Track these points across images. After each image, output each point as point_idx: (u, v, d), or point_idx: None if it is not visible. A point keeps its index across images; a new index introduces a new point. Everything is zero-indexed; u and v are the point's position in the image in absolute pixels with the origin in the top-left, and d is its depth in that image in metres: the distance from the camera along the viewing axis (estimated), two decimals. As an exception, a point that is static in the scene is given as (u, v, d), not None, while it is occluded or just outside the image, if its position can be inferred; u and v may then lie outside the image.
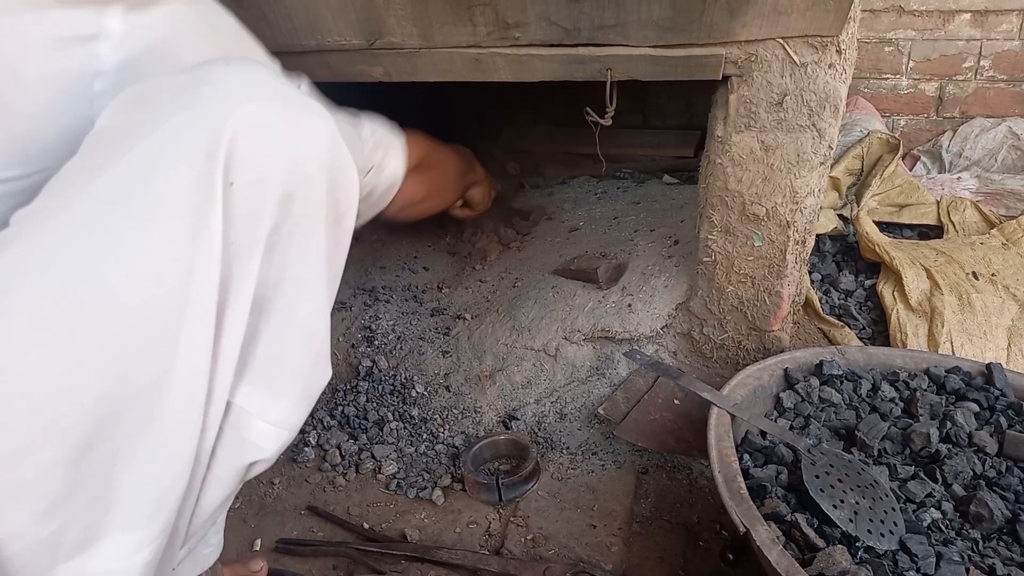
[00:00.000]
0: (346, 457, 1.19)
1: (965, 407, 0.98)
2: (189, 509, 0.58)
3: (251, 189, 0.52)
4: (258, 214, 0.53)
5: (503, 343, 1.30)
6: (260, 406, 0.59)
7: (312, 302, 0.61)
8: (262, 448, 0.61)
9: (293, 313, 0.59)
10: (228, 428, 0.58)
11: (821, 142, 1.01)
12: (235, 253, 0.53)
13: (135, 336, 0.49)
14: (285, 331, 0.59)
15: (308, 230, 0.58)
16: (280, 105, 0.55)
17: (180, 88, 0.53)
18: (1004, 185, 1.84)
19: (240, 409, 0.59)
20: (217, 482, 0.60)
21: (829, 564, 0.73)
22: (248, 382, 0.58)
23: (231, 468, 0.60)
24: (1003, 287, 1.34)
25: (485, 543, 1.02)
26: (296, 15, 0.95)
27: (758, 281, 1.15)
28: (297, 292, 0.59)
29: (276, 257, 0.56)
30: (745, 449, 0.95)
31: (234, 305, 0.54)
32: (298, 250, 0.57)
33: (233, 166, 0.51)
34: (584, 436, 1.20)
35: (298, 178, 0.55)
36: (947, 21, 2.22)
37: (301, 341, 0.61)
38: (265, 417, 0.60)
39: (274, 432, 0.61)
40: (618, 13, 0.90)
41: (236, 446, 0.59)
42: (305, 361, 0.62)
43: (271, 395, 0.60)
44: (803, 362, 1.09)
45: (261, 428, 0.60)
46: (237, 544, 1.04)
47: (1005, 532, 0.83)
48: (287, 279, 0.57)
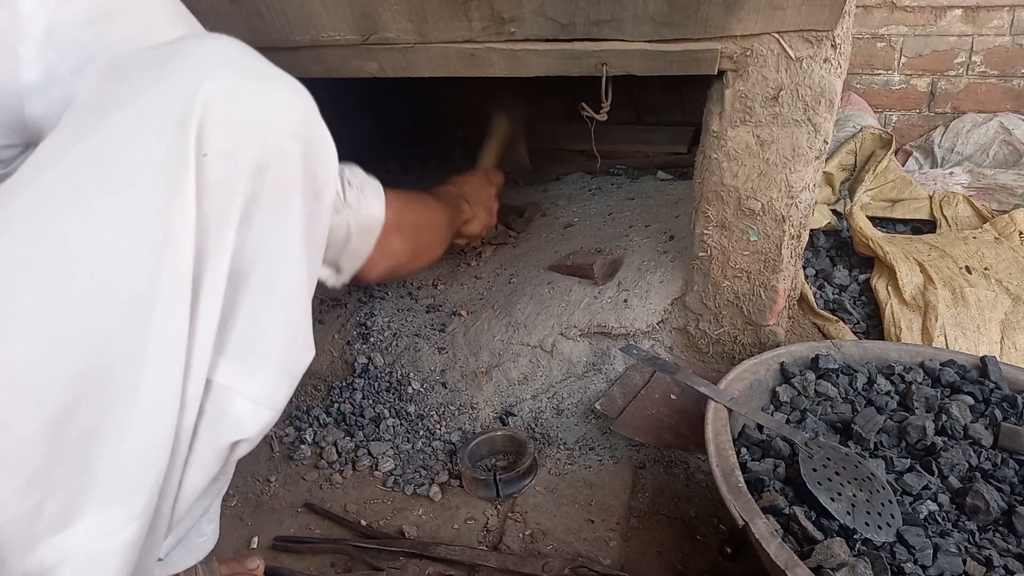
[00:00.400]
0: (343, 454, 1.19)
1: (960, 400, 0.99)
2: (172, 491, 0.57)
3: (224, 159, 0.52)
4: (232, 185, 0.53)
5: (499, 339, 1.30)
6: (240, 383, 0.59)
7: (291, 277, 0.60)
8: (243, 427, 0.60)
9: (271, 288, 0.58)
10: (209, 406, 0.58)
11: (816, 137, 1.01)
12: (210, 224, 0.52)
13: (109, 308, 0.49)
14: (264, 306, 0.58)
15: (284, 202, 0.57)
16: (253, 76, 0.54)
17: (153, 61, 0.53)
18: (996, 180, 1.85)
19: (220, 386, 0.58)
20: (199, 463, 0.59)
21: (827, 556, 0.73)
22: (227, 358, 0.58)
23: (213, 448, 0.59)
24: (996, 281, 1.35)
25: (483, 539, 1.02)
26: (290, 10, 0.95)
27: (754, 276, 1.15)
28: (275, 266, 0.58)
29: (252, 230, 0.55)
30: (742, 443, 0.95)
31: (210, 277, 0.54)
32: (274, 222, 0.57)
33: (206, 136, 0.51)
34: (581, 431, 1.20)
35: (272, 149, 0.54)
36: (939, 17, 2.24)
37: (280, 316, 0.60)
38: (245, 394, 0.59)
39: (255, 410, 0.60)
40: (614, 8, 0.90)
41: (217, 425, 0.59)
42: (285, 337, 0.61)
43: (251, 372, 0.59)
44: (799, 356, 1.09)
45: (241, 406, 0.59)
46: (234, 542, 1.03)
47: (1001, 523, 0.84)
48: (264, 252, 0.57)
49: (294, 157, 0.57)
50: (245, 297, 0.57)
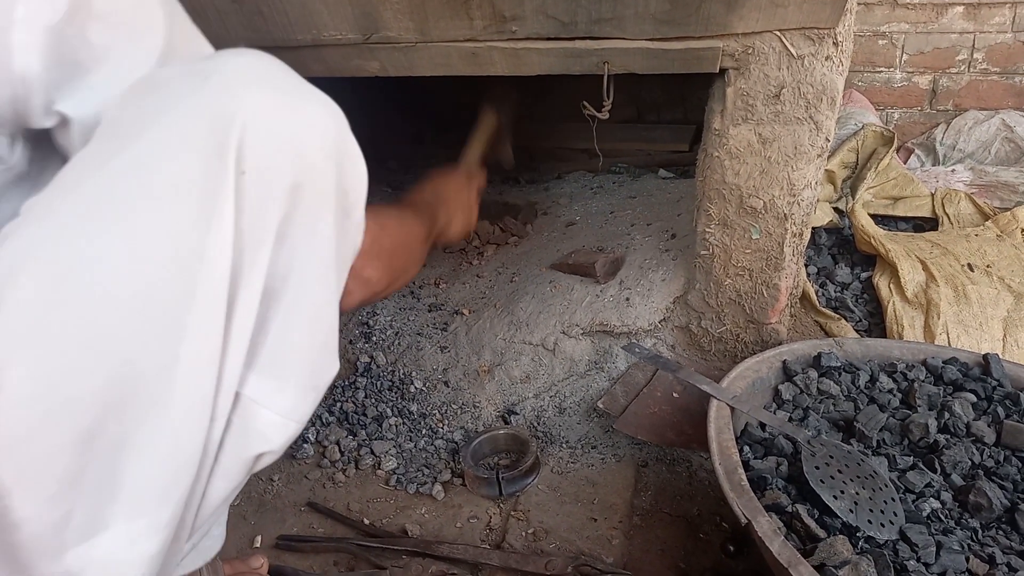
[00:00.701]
0: (345, 453, 1.19)
1: (963, 397, 0.99)
2: (196, 501, 0.58)
3: (262, 177, 0.52)
4: (269, 203, 0.53)
5: (501, 338, 1.30)
6: (268, 396, 0.59)
7: (321, 293, 0.60)
8: (269, 439, 0.61)
9: (302, 304, 0.59)
10: (236, 419, 0.58)
11: (818, 134, 1.01)
12: (246, 242, 0.53)
13: (143, 323, 0.49)
14: (294, 322, 0.59)
15: (318, 220, 0.57)
16: (289, 94, 0.55)
17: (188, 76, 0.53)
18: (998, 177, 1.85)
19: (248, 399, 0.58)
20: (224, 474, 0.59)
21: (831, 554, 0.73)
22: (256, 372, 0.58)
23: (238, 459, 0.60)
24: (998, 278, 1.35)
25: (486, 537, 1.02)
26: (291, 9, 0.95)
27: (756, 274, 1.15)
28: (306, 283, 0.58)
29: (286, 247, 0.56)
30: (745, 441, 0.95)
31: (245, 294, 0.54)
32: (308, 241, 0.57)
33: (244, 154, 0.51)
34: (583, 430, 1.20)
35: (307, 167, 0.55)
36: (940, 14, 2.23)
37: (310, 332, 0.61)
38: (273, 407, 0.60)
39: (281, 423, 0.61)
40: (615, 6, 0.89)
41: (243, 437, 0.59)
42: (313, 352, 0.62)
43: (279, 386, 0.60)
44: (801, 354, 1.09)
45: (268, 418, 0.60)
46: (238, 541, 1.04)
47: (1004, 521, 0.84)
48: (296, 270, 0.57)
49: (328, 175, 0.57)
50: (277, 313, 0.58)
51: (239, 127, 0.51)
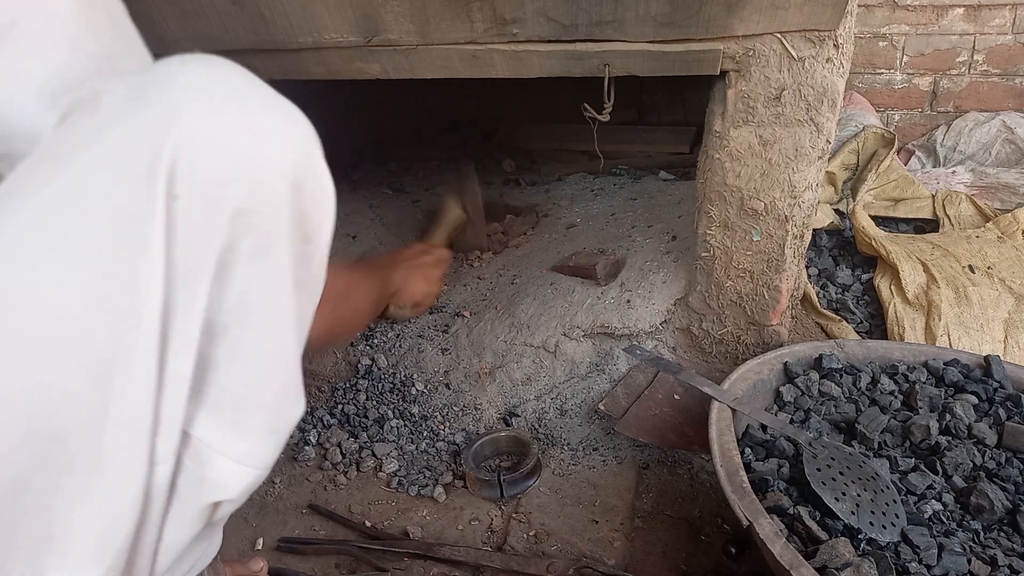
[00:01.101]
0: (347, 455, 1.19)
1: (964, 399, 0.99)
2: (149, 547, 0.54)
3: (199, 203, 0.47)
4: (207, 231, 0.48)
5: (502, 340, 1.30)
6: (222, 440, 0.54)
7: (278, 328, 0.55)
8: (225, 487, 0.56)
9: (255, 340, 0.53)
10: (188, 462, 0.54)
11: (819, 136, 1.01)
12: (180, 274, 0.48)
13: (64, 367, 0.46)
14: (246, 360, 0.54)
15: (269, 248, 0.51)
16: (239, 108, 0.49)
17: (129, 91, 0.48)
18: (998, 179, 1.85)
19: (201, 443, 0.54)
20: (180, 519, 0.55)
21: (832, 556, 0.73)
22: (207, 414, 0.53)
23: (193, 505, 0.55)
24: (999, 280, 1.35)
25: (487, 540, 1.02)
26: (293, 12, 0.95)
27: (757, 276, 1.15)
28: (258, 317, 0.53)
29: (232, 279, 0.50)
30: (746, 443, 0.95)
31: (180, 330, 0.49)
32: (258, 271, 0.51)
33: (178, 178, 0.46)
34: (585, 432, 1.20)
35: (256, 191, 0.49)
36: (940, 16, 2.23)
37: (265, 371, 0.55)
38: (228, 453, 0.55)
39: (239, 470, 0.56)
40: (616, 9, 0.90)
41: (197, 483, 0.55)
42: (271, 392, 0.56)
43: (233, 429, 0.55)
44: (802, 356, 1.09)
45: (222, 465, 0.55)
46: (239, 543, 1.04)
47: (1006, 523, 0.83)
48: (247, 303, 0.52)
49: (281, 199, 0.51)
50: (224, 351, 0.52)
51: (171, 146, 0.45)
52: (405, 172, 2.09)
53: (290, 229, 0.52)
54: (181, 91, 0.47)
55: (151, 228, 0.46)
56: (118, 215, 0.46)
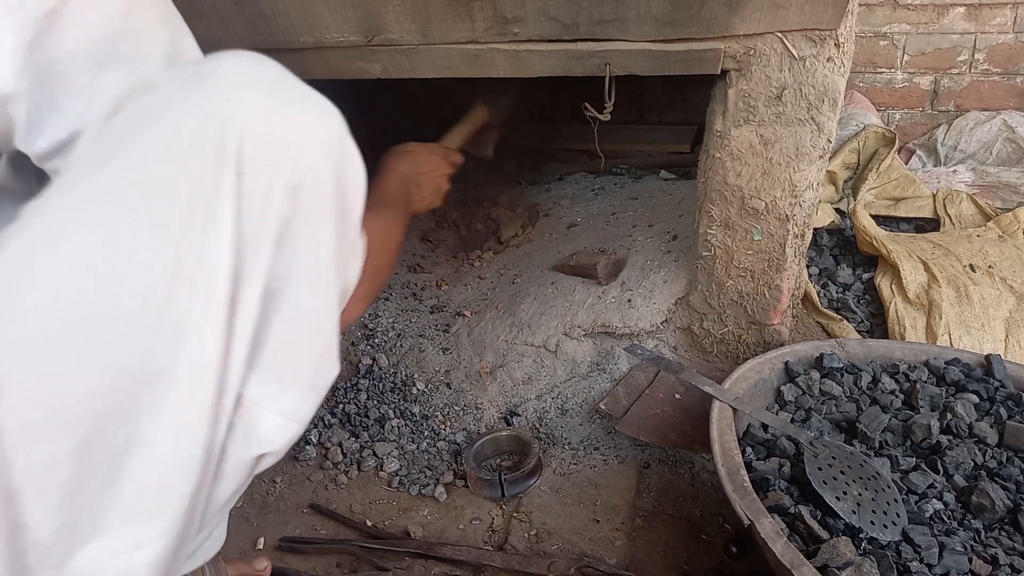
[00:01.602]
0: (348, 455, 1.19)
1: (965, 398, 0.99)
2: (201, 503, 0.58)
3: (261, 180, 0.53)
4: (268, 205, 0.53)
5: (503, 339, 1.30)
6: (270, 398, 0.59)
7: (321, 295, 0.60)
8: (270, 441, 0.61)
9: (302, 305, 0.59)
10: (238, 421, 0.58)
11: (820, 135, 1.01)
12: (246, 243, 0.53)
13: (142, 326, 0.49)
14: (294, 323, 0.59)
15: (316, 222, 0.58)
16: (286, 96, 0.55)
17: (185, 80, 0.53)
18: (999, 178, 1.84)
19: (250, 401, 0.58)
20: (227, 476, 0.59)
21: (833, 555, 0.73)
22: (258, 374, 0.58)
23: (240, 461, 0.60)
24: (1000, 279, 1.35)
25: (488, 539, 1.02)
26: (294, 12, 0.95)
27: (758, 275, 1.15)
28: (306, 284, 0.58)
29: (286, 249, 0.56)
30: (747, 442, 0.95)
31: (246, 295, 0.54)
32: (307, 242, 0.57)
33: (243, 157, 0.51)
34: (586, 431, 1.20)
35: (306, 169, 0.55)
36: (941, 15, 2.23)
37: (310, 333, 0.61)
38: (275, 409, 0.60)
39: (283, 424, 0.61)
40: (617, 8, 0.90)
41: (246, 439, 0.59)
42: (314, 354, 0.62)
43: (280, 387, 0.60)
44: (803, 355, 1.09)
45: (270, 420, 0.60)
46: (240, 543, 1.04)
47: (1007, 522, 0.83)
48: (296, 271, 0.57)
49: (326, 177, 0.57)
50: (277, 315, 0.58)
51: (237, 130, 0.51)
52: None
53: (332, 204, 0.59)
54: (237, 80, 0.53)
55: (222, 201, 0.51)
56: (188, 188, 0.50)
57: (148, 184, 0.50)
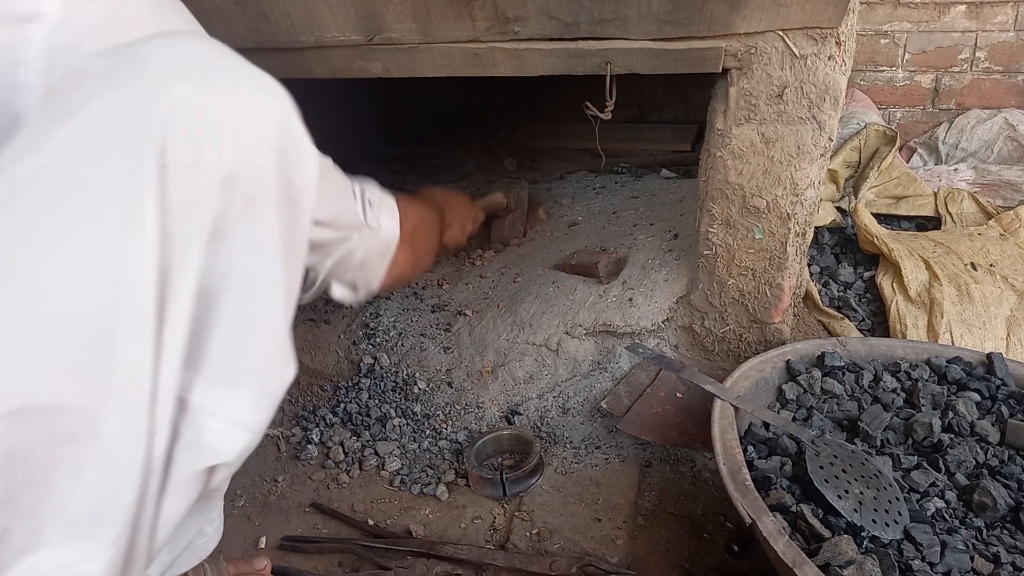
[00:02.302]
0: (349, 454, 1.19)
1: (966, 397, 0.99)
2: (148, 519, 0.54)
3: (189, 172, 0.48)
4: (198, 199, 0.49)
5: (504, 338, 1.30)
6: (217, 404, 0.55)
7: (268, 292, 0.56)
8: (219, 451, 0.56)
9: (247, 305, 0.55)
10: (185, 430, 0.54)
11: (821, 134, 1.01)
12: (174, 241, 0.49)
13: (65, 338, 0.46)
14: (240, 324, 0.55)
15: (257, 214, 0.53)
16: (221, 80, 0.51)
17: (111, 65, 0.49)
18: (1001, 176, 1.84)
19: (196, 408, 0.54)
20: (176, 489, 0.55)
21: (835, 554, 0.73)
22: (203, 379, 0.54)
23: (189, 473, 0.55)
24: (1001, 277, 1.35)
25: (490, 538, 1.02)
26: (295, 12, 0.95)
27: (759, 273, 1.15)
28: (250, 282, 0.54)
29: (223, 245, 0.52)
30: (749, 441, 0.95)
31: (176, 297, 0.50)
32: (247, 236, 0.53)
33: (169, 147, 0.47)
34: (587, 430, 1.20)
35: (243, 159, 0.51)
36: (942, 13, 2.23)
37: (258, 334, 0.57)
38: (223, 417, 0.55)
39: (233, 432, 0.56)
40: (618, 7, 0.90)
41: (193, 449, 0.55)
42: (263, 355, 0.58)
43: (228, 392, 0.56)
44: (805, 354, 1.09)
45: (218, 428, 0.55)
46: (242, 542, 1.04)
47: (1009, 520, 0.83)
48: (237, 268, 0.53)
49: (267, 166, 0.53)
50: (219, 315, 0.53)
51: (161, 118, 0.47)
52: (408, 171, 2.09)
53: (276, 194, 0.54)
54: (165, 65, 0.49)
55: (143, 196, 0.47)
56: (109, 184, 0.46)
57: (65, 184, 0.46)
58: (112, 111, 0.47)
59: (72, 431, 0.48)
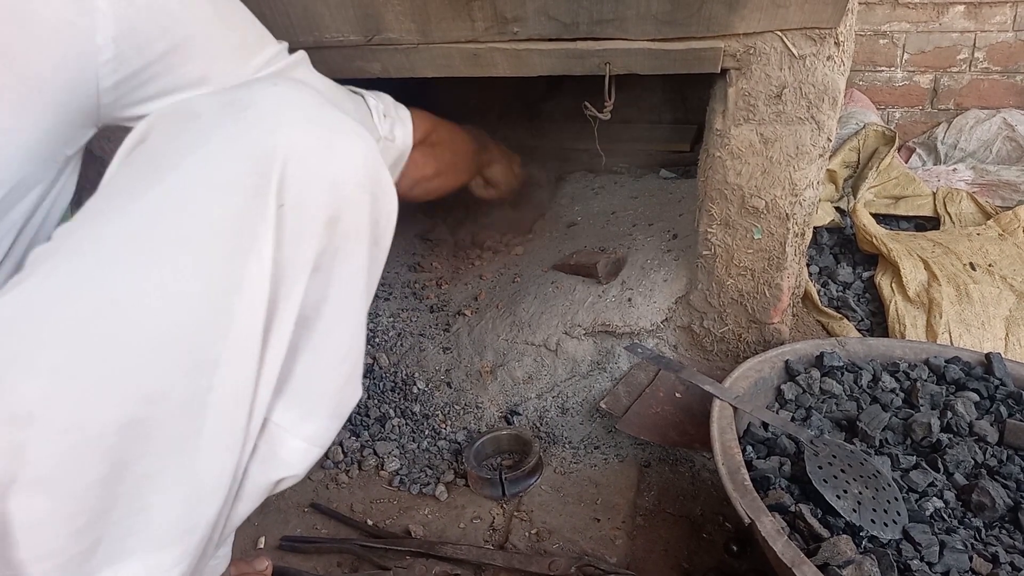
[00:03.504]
0: (348, 454, 1.19)
1: (965, 397, 0.99)
2: (221, 525, 0.57)
3: (300, 211, 0.53)
4: (306, 236, 0.54)
5: (503, 339, 1.30)
6: (294, 423, 0.59)
7: (350, 322, 0.61)
8: (291, 464, 0.61)
9: (332, 333, 0.59)
10: (262, 444, 0.58)
11: (820, 134, 1.01)
12: (284, 274, 0.53)
13: (176, 357, 0.49)
14: (323, 350, 0.59)
15: (351, 252, 0.58)
16: (324, 127, 0.55)
17: (224, 107, 0.53)
18: (999, 176, 1.85)
19: (275, 426, 0.58)
20: (246, 497, 0.59)
21: (834, 554, 0.73)
22: (284, 400, 0.58)
23: (260, 483, 0.60)
24: (1000, 277, 1.35)
25: (489, 538, 1.02)
26: (294, 11, 0.95)
27: (758, 274, 1.15)
28: (337, 312, 0.59)
29: (320, 278, 0.56)
30: (748, 441, 0.95)
31: (279, 325, 0.54)
32: (341, 272, 0.58)
33: (284, 188, 0.52)
34: (586, 430, 1.21)
35: (344, 201, 0.56)
36: (941, 13, 2.23)
37: (337, 360, 0.61)
38: (298, 434, 0.60)
39: (305, 448, 0.61)
40: (617, 7, 0.90)
41: (267, 462, 0.59)
42: (339, 381, 0.62)
43: (305, 413, 0.60)
44: (804, 354, 1.09)
45: (293, 445, 0.60)
46: (241, 543, 1.04)
47: (1007, 520, 0.84)
48: (330, 299, 0.58)
49: (363, 209, 0.58)
50: (307, 342, 0.58)
51: (280, 161, 0.51)
52: (406, 171, 2.09)
53: (368, 234, 0.60)
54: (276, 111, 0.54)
55: (262, 231, 0.51)
56: (227, 218, 0.50)
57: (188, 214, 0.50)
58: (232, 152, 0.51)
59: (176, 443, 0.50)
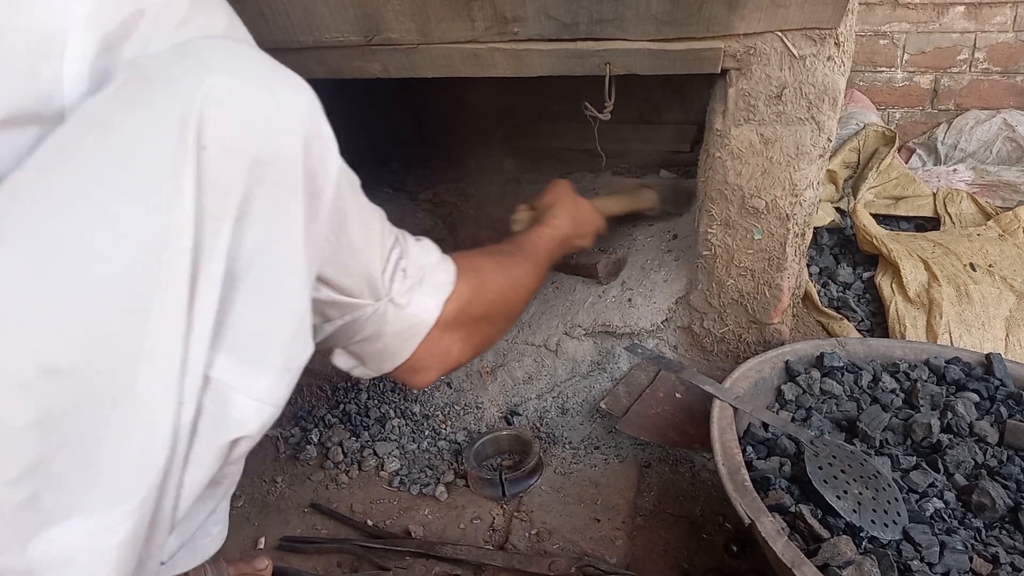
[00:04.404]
0: (348, 454, 1.19)
1: (965, 397, 0.99)
2: (173, 489, 0.57)
3: (223, 154, 0.52)
4: (229, 180, 0.53)
5: (504, 339, 1.30)
6: (241, 380, 0.58)
7: (291, 274, 0.60)
8: (244, 424, 0.59)
9: (271, 285, 0.58)
10: (209, 403, 0.57)
11: (820, 135, 1.01)
12: (207, 218, 0.52)
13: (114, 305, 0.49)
14: (262, 304, 0.58)
15: (283, 200, 0.57)
16: (256, 74, 0.55)
17: (167, 60, 0.54)
18: (1000, 176, 1.84)
19: (220, 383, 0.57)
20: (199, 461, 0.58)
21: (834, 554, 0.73)
22: (227, 355, 0.57)
23: (213, 446, 0.59)
24: (1000, 278, 1.35)
25: (489, 538, 1.02)
26: (294, 12, 0.95)
27: (758, 274, 1.15)
28: (274, 264, 0.58)
29: (249, 227, 0.55)
30: (748, 441, 0.95)
31: (207, 270, 0.53)
32: (272, 221, 0.57)
33: (205, 131, 0.51)
34: (586, 431, 1.20)
35: (271, 145, 0.55)
36: (941, 14, 2.23)
37: (281, 313, 0.60)
38: (246, 391, 0.59)
39: (256, 407, 0.60)
40: (617, 7, 0.90)
41: (217, 421, 0.58)
42: (284, 334, 0.61)
43: (251, 368, 0.59)
44: (804, 354, 1.09)
45: (243, 403, 0.59)
46: (241, 543, 1.04)
47: (1007, 521, 0.83)
48: (261, 251, 0.57)
49: (294, 155, 0.57)
50: (243, 294, 0.57)
51: (200, 103, 0.51)
52: (406, 172, 2.09)
53: (301, 183, 0.58)
54: (207, 59, 0.54)
55: (184, 174, 0.51)
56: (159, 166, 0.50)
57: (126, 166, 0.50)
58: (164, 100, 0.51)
59: (104, 397, 0.50)
